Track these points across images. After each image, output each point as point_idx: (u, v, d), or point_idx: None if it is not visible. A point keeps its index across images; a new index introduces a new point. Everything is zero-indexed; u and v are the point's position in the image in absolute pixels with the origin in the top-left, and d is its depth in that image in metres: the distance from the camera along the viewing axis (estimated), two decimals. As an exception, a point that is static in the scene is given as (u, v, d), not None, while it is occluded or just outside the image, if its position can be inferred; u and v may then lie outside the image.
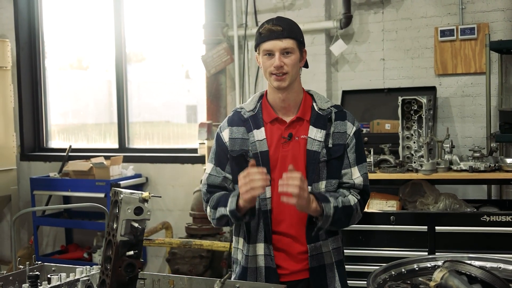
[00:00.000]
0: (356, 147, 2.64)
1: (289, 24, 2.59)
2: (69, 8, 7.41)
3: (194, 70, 6.93)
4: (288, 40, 2.54)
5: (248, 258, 2.64)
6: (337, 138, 2.61)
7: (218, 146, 2.73)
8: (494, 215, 4.04)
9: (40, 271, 2.47)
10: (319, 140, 2.58)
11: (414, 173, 4.41)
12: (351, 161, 2.62)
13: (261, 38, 2.57)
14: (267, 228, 2.60)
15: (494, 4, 5.12)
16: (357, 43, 5.64)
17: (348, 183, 2.62)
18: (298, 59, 2.58)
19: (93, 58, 7.54)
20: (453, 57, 5.25)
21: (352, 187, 2.62)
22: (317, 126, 2.61)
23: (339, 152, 2.60)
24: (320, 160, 2.57)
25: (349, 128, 2.64)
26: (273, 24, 2.55)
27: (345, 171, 2.63)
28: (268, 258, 2.60)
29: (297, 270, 2.63)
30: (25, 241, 7.21)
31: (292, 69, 2.56)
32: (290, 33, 2.55)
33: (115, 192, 2.15)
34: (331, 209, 2.46)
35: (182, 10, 6.71)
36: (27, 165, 7.29)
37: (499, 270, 2.33)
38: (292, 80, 2.59)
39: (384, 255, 4.17)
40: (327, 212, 2.45)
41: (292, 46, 2.55)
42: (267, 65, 2.57)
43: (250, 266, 2.64)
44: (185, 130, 7.00)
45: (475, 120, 5.24)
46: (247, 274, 2.64)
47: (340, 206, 2.50)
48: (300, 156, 2.59)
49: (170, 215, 6.37)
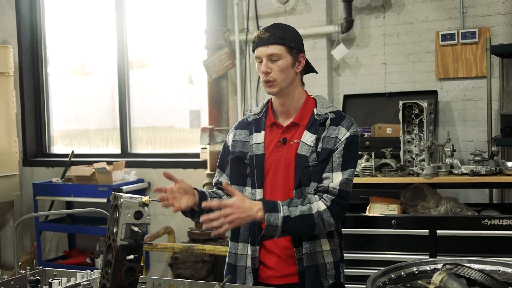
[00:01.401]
0: (344, 153, 2.55)
1: (281, 30, 2.60)
2: (71, 14, 7.44)
3: (197, 75, 6.94)
4: (274, 46, 2.55)
5: (237, 257, 2.68)
6: (326, 142, 2.57)
7: (223, 149, 2.83)
8: (496, 219, 4.05)
9: (41, 276, 2.49)
10: (309, 144, 2.57)
11: (415, 177, 4.41)
12: (335, 165, 2.54)
13: (253, 46, 2.64)
14: (253, 229, 2.62)
15: (495, 8, 5.13)
16: (359, 48, 5.65)
17: (322, 186, 2.54)
18: (288, 64, 2.57)
19: (96, 63, 7.56)
20: (454, 61, 5.25)
21: (325, 191, 2.53)
22: (310, 131, 2.60)
23: (323, 156, 2.55)
24: (309, 165, 2.55)
25: (342, 133, 2.57)
26: (262, 32, 2.59)
27: (326, 175, 2.55)
28: (255, 260, 2.63)
29: (289, 273, 2.63)
30: (28, 247, 7.23)
31: (280, 75, 2.56)
32: (277, 39, 2.55)
33: (115, 197, 2.16)
34: (277, 219, 2.42)
35: (184, 15, 6.73)
36: (29, 171, 7.32)
37: (498, 273, 2.32)
38: (285, 86, 2.60)
39: (385, 259, 4.18)
40: (271, 222, 2.41)
41: (279, 52, 2.55)
42: (259, 72, 2.61)
43: (239, 265, 2.67)
44: (188, 135, 7.01)
45: (476, 124, 5.24)
46: (236, 272, 2.67)
47: (296, 215, 2.45)
48: (292, 161, 2.60)
49: (173, 220, 6.37)
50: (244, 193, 2.63)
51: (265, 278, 2.65)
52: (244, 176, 2.66)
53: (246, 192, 2.64)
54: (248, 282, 2.63)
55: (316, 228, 2.51)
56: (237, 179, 2.69)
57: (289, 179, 2.60)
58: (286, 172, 2.60)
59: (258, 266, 2.64)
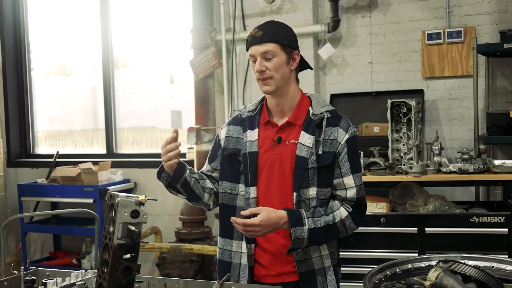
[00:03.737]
0: (348, 156, 2.59)
1: (274, 28, 2.60)
2: (54, 14, 7.37)
3: (178, 75, 6.93)
4: (268, 44, 2.55)
5: (231, 254, 2.68)
6: (327, 145, 2.58)
7: (214, 143, 2.84)
8: (483, 216, 4.09)
9: (34, 276, 2.46)
10: (308, 146, 2.57)
11: (403, 175, 4.44)
12: (343, 171, 2.58)
13: (246, 45, 2.64)
14: None
15: (481, 8, 5.17)
16: (345, 47, 5.67)
17: (340, 196, 2.59)
18: (282, 62, 2.58)
19: (77, 64, 7.51)
20: (440, 60, 5.29)
21: (344, 200, 2.59)
22: (308, 131, 2.60)
23: (328, 161, 2.56)
24: (309, 167, 2.55)
25: (341, 135, 2.59)
26: (255, 30, 2.59)
27: (337, 181, 2.59)
28: (251, 258, 2.63)
29: (284, 272, 2.63)
30: (13, 248, 7.16)
31: (276, 72, 2.57)
32: (271, 37, 2.56)
33: (111, 196, 2.15)
34: (303, 232, 2.47)
35: (168, 15, 6.70)
36: (14, 172, 7.24)
37: (492, 269, 2.35)
38: (281, 84, 2.60)
39: (375, 256, 4.21)
40: (297, 236, 2.47)
41: (273, 50, 2.55)
42: (254, 71, 2.61)
43: (234, 262, 2.67)
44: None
45: (462, 122, 5.28)
46: (230, 270, 2.67)
47: (320, 225, 2.50)
48: (287, 161, 2.59)
49: (159, 220, 6.35)
50: (237, 190, 2.64)
51: (259, 277, 2.65)
52: (238, 173, 2.66)
53: (239, 189, 2.64)
54: (243, 280, 2.63)
55: (340, 235, 2.59)
56: (231, 176, 2.68)
57: (285, 179, 2.60)
58: (281, 171, 2.60)
59: (253, 264, 2.64)
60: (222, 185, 2.71)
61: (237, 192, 2.65)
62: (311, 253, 2.61)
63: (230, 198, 2.68)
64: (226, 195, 2.69)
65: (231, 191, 2.67)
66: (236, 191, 2.66)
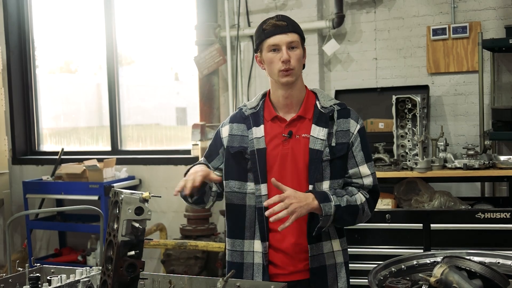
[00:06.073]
0: (362, 146, 2.62)
1: (291, 20, 2.60)
2: (59, 11, 7.38)
3: (183, 72, 6.93)
4: (293, 34, 2.55)
5: (243, 254, 2.64)
6: (340, 136, 2.59)
7: (214, 140, 2.78)
8: (489, 212, 4.07)
9: (39, 273, 2.47)
10: (321, 138, 2.56)
11: (409, 171, 4.43)
12: (358, 160, 2.61)
13: (266, 34, 2.56)
14: (261, 225, 2.58)
15: (486, 3, 5.15)
16: (350, 43, 5.65)
17: (358, 184, 2.62)
18: (301, 54, 2.58)
19: (82, 61, 7.52)
20: (445, 55, 5.27)
21: (361, 187, 2.62)
22: (319, 124, 2.59)
23: (342, 151, 2.58)
24: (323, 159, 2.55)
25: (353, 126, 2.62)
26: (278, 20, 2.56)
27: (352, 171, 2.61)
28: (264, 256, 2.59)
29: (296, 270, 2.60)
30: (18, 245, 7.17)
31: (298, 64, 2.56)
32: (294, 28, 2.56)
33: (115, 193, 2.14)
34: (331, 208, 2.45)
35: (173, 12, 6.70)
36: (19, 169, 7.26)
37: (497, 265, 2.34)
38: (298, 76, 2.59)
39: (380, 253, 4.19)
40: (326, 212, 2.44)
41: (297, 41, 2.56)
42: (274, 61, 2.55)
43: (246, 262, 2.63)
44: (175, 132, 6.99)
45: (467, 118, 5.26)
46: (242, 270, 2.63)
47: (344, 204, 2.50)
48: (300, 155, 2.57)
49: (164, 216, 6.36)
50: (246, 189, 2.61)
51: (272, 275, 2.61)
52: (245, 171, 2.61)
53: (248, 188, 2.61)
54: (257, 279, 2.59)
55: (357, 218, 2.59)
56: (238, 175, 2.64)
57: (299, 174, 2.57)
58: (295, 166, 2.57)
59: (267, 263, 2.60)
60: (229, 184, 2.66)
61: (245, 190, 2.61)
62: (323, 248, 2.60)
63: (238, 197, 2.63)
64: (234, 194, 2.64)
65: (239, 190, 2.63)
66: (245, 190, 2.61)
